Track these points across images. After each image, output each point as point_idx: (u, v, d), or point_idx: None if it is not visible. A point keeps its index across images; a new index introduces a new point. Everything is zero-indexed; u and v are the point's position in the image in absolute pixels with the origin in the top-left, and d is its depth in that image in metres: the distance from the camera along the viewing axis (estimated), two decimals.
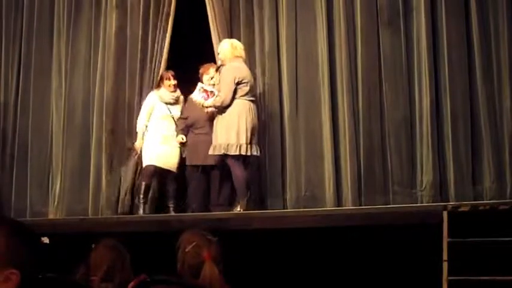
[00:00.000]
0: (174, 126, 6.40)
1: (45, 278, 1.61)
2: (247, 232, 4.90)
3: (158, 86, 6.47)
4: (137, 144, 6.45)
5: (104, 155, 6.72)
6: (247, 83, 5.74)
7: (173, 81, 6.40)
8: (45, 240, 5.23)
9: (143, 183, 6.38)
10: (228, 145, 5.63)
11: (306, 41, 6.21)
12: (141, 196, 6.36)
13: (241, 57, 5.86)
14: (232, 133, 5.63)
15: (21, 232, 1.62)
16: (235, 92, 5.70)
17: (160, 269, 2.27)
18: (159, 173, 6.41)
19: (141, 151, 6.43)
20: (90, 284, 2.94)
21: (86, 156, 6.82)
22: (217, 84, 5.92)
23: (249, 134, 5.68)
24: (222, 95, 5.71)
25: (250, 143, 5.70)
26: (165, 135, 6.37)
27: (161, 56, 6.63)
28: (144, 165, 6.42)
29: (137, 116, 6.48)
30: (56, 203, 6.80)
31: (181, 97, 6.51)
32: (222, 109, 5.72)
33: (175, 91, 6.44)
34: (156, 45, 6.66)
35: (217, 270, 2.56)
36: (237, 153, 5.62)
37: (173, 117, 6.40)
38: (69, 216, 6.63)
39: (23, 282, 1.53)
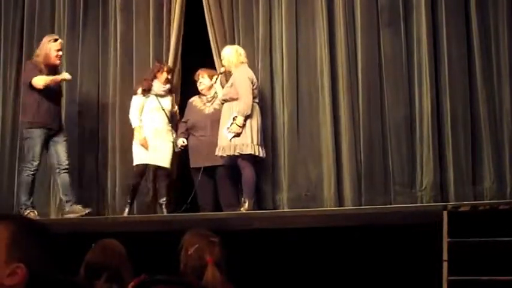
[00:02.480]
0: (166, 119, 6.27)
1: (51, 277, 1.59)
2: (247, 232, 4.90)
3: (154, 77, 6.27)
4: (141, 137, 6.16)
5: (104, 154, 6.72)
6: (256, 86, 5.84)
7: (169, 75, 6.29)
8: None
9: (131, 183, 6.30)
10: (243, 145, 5.69)
11: (306, 41, 6.21)
12: (128, 196, 6.31)
13: (245, 63, 5.94)
14: (246, 133, 5.70)
15: (29, 228, 1.61)
16: None
17: (161, 269, 2.27)
18: (152, 170, 6.30)
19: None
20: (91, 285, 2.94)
21: (88, 156, 6.82)
22: (230, 86, 5.89)
23: (259, 135, 5.79)
24: (245, 100, 5.72)
25: (260, 144, 5.79)
26: (157, 129, 6.21)
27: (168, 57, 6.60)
28: (134, 164, 6.25)
29: None
30: (57, 202, 6.77)
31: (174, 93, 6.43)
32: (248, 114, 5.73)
33: (167, 84, 6.31)
34: (163, 47, 6.63)
35: (219, 272, 2.56)
36: (252, 152, 5.69)
37: (164, 110, 6.26)
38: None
39: (31, 278, 1.52)
